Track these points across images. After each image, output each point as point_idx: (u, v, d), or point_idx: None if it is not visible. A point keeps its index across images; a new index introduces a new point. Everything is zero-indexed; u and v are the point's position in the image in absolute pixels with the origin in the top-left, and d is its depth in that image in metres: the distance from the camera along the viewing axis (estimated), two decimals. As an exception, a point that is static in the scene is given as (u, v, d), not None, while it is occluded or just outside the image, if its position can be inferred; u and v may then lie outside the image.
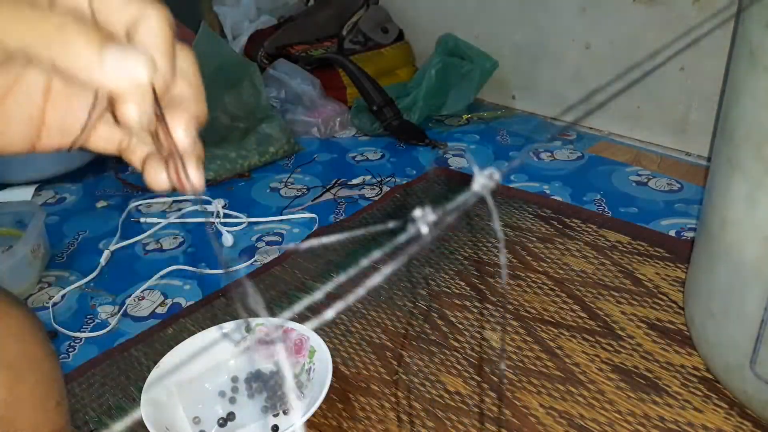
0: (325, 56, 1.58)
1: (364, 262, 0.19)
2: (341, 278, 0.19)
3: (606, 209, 1.11)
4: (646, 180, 1.19)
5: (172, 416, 0.73)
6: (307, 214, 1.16)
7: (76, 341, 0.91)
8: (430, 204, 0.19)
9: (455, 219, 0.19)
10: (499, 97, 1.56)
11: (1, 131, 0.27)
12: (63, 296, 1.00)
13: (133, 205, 1.24)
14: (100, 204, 1.28)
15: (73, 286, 1.02)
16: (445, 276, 0.95)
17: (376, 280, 0.18)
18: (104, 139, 0.30)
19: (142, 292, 1.00)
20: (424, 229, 0.19)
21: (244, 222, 1.16)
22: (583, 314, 0.86)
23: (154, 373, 0.75)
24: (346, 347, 0.84)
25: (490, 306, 0.89)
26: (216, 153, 1.29)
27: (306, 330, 0.80)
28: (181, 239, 1.14)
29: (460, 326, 0.86)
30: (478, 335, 0.84)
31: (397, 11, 1.68)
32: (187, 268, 1.04)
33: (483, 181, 0.20)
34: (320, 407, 0.71)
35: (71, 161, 1.35)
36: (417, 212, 0.19)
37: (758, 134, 0.60)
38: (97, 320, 0.95)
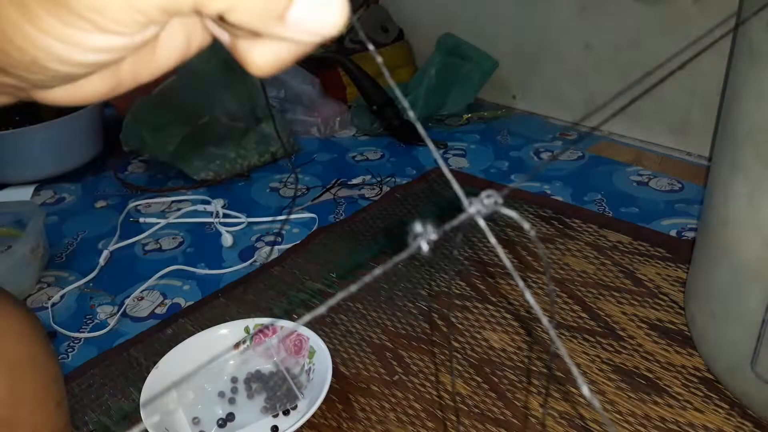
0: (325, 56, 1.58)
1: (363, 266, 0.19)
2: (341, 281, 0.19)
3: (607, 209, 1.10)
4: (646, 180, 1.19)
5: (172, 417, 0.73)
6: (307, 214, 1.16)
7: (76, 341, 0.91)
8: (429, 212, 0.19)
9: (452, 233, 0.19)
10: (499, 97, 1.56)
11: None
12: (62, 296, 1.00)
13: (132, 205, 1.24)
14: (100, 204, 1.27)
15: (72, 287, 1.02)
16: (444, 276, 0.95)
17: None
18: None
19: (141, 292, 1.00)
20: (425, 247, 0.19)
21: (244, 222, 1.16)
22: (583, 314, 0.86)
23: (154, 373, 0.75)
24: (346, 348, 0.84)
25: (490, 306, 0.89)
26: (216, 153, 1.29)
27: (306, 330, 0.79)
28: (181, 239, 1.14)
29: (460, 326, 0.86)
30: (478, 335, 0.84)
31: (397, 11, 1.68)
32: (186, 268, 1.04)
33: (477, 207, 0.20)
34: (320, 407, 0.71)
35: (70, 161, 1.35)
36: (418, 227, 0.19)
37: (758, 134, 0.60)
38: (96, 320, 0.95)
